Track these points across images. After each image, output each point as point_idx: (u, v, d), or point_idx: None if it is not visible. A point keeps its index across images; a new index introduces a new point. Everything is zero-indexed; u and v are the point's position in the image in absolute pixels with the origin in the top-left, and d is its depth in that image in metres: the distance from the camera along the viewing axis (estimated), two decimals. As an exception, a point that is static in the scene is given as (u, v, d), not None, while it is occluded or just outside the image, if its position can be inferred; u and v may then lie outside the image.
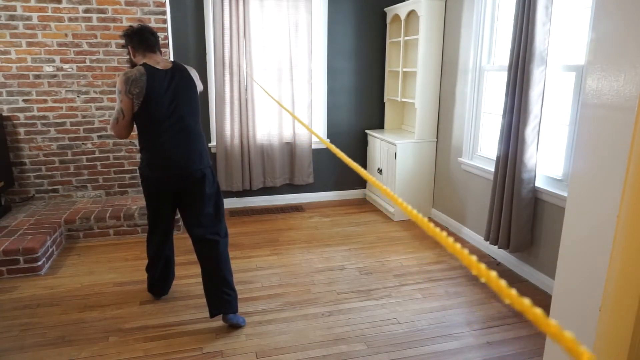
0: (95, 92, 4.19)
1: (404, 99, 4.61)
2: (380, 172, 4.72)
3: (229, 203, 4.83)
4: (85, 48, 4.09)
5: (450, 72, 4.11)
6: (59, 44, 4.03)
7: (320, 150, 4.98)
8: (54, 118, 4.16)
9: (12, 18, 3.88)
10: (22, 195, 4.24)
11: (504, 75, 3.25)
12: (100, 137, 4.30)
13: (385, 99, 5.03)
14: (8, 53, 3.94)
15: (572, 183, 1.81)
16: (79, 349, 2.42)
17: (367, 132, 5.05)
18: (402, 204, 0.74)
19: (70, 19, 4.00)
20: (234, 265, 3.10)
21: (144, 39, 2.46)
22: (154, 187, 2.57)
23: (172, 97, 2.42)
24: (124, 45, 2.57)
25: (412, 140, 4.37)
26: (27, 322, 2.68)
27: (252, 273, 3.31)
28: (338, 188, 5.18)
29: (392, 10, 4.67)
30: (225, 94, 4.50)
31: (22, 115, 4.09)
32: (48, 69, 4.06)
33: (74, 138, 4.24)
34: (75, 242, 3.87)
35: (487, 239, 3.39)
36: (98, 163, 4.35)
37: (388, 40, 4.85)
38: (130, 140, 4.33)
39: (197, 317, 2.73)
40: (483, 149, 3.80)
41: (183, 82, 2.47)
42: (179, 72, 2.47)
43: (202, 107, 3.81)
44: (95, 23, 4.06)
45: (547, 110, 2.99)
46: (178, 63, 2.52)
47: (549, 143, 3.08)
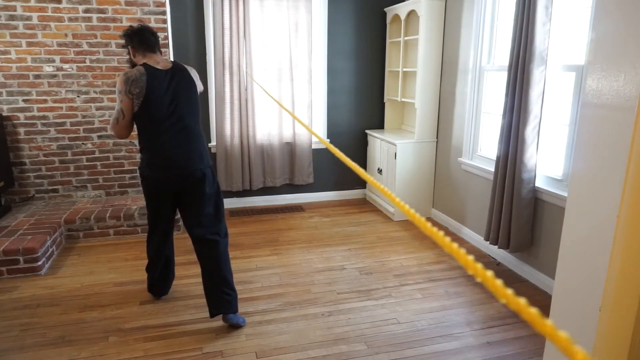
0: (95, 92, 4.20)
1: (404, 99, 4.61)
2: (380, 172, 4.72)
3: (229, 203, 4.83)
4: (85, 48, 4.09)
5: (450, 72, 4.11)
6: (59, 44, 4.03)
7: (320, 150, 4.98)
8: (54, 118, 4.16)
9: (12, 18, 3.88)
10: (22, 195, 4.24)
11: (504, 75, 3.25)
12: (100, 137, 4.30)
13: (385, 99, 5.03)
14: (8, 53, 3.94)
15: (572, 183, 1.81)
16: (79, 349, 2.42)
17: (367, 132, 5.05)
18: (399, 203, 0.74)
19: (70, 19, 4.00)
20: (234, 265, 3.10)
21: (144, 39, 2.46)
22: (154, 187, 2.57)
23: (172, 97, 2.42)
24: (124, 45, 2.57)
25: (412, 140, 4.37)
26: (27, 322, 2.68)
27: (252, 273, 3.31)
28: (338, 188, 5.18)
29: (392, 10, 4.67)
30: (225, 94, 4.50)
31: (22, 115, 4.09)
32: (48, 69, 4.06)
33: (74, 138, 4.24)
34: (75, 242, 3.88)
35: (487, 239, 3.39)
36: (98, 163, 4.35)
37: (388, 40, 4.85)
38: (130, 140, 4.33)
39: (197, 317, 2.73)
40: (483, 149, 3.79)
41: (183, 82, 2.47)
42: (179, 72, 2.48)
43: (202, 107, 3.81)
44: (95, 23, 4.06)
45: (547, 110, 2.99)
46: (178, 63, 2.52)
47: (549, 143, 3.08)
